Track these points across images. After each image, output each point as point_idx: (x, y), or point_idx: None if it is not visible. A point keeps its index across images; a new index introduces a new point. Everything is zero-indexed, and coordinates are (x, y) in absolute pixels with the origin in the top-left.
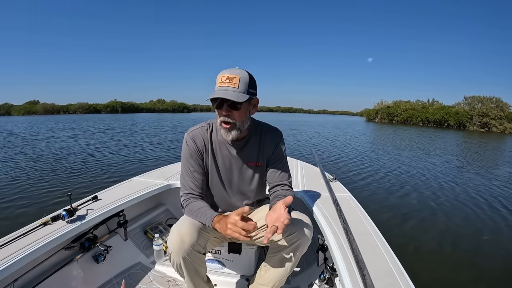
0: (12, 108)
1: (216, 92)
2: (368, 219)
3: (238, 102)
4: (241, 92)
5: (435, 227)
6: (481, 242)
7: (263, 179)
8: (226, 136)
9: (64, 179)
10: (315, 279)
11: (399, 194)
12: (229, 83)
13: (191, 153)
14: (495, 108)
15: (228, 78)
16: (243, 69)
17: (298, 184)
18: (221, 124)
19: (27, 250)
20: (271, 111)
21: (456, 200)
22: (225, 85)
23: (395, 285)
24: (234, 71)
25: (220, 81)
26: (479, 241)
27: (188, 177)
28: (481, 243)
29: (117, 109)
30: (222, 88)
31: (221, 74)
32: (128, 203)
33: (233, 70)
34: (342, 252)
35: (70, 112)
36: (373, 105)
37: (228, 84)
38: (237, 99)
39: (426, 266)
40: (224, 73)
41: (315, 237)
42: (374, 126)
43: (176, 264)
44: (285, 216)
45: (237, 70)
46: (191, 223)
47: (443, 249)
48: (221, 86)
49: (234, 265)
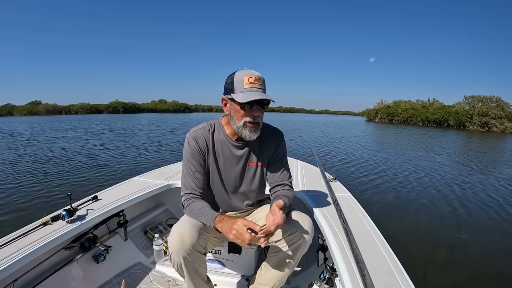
0: (14, 109)
1: (254, 93)
2: (368, 219)
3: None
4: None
5: (435, 227)
6: (481, 242)
7: (263, 180)
8: (250, 136)
9: (64, 179)
10: (315, 279)
11: (399, 194)
12: (258, 84)
13: (192, 153)
14: (496, 108)
15: (256, 79)
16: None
17: (298, 184)
18: (246, 124)
19: (27, 250)
20: (273, 111)
21: (457, 200)
22: (255, 86)
23: (395, 285)
24: (257, 73)
25: (249, 82)
26: (480, 241)
27: (189, 177)
28: (481, 243)
29: (119, 110)
30: (253, 89)
31: (246, 75)
32: (128, 203)
33: (255, 72)
34: (342, 252)
35: (72, 112)
36: (373, 105)
37: (257, 85)
38: (273, 100)
39: (426, 266)
40: (250, 74)
41: (315, 237)
42: (373, 126)
43: (177, 264)
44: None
45: (257, 72)
46: (192, 223)
47: (443, 249)
48: (252, 87)
49: (234, 265)
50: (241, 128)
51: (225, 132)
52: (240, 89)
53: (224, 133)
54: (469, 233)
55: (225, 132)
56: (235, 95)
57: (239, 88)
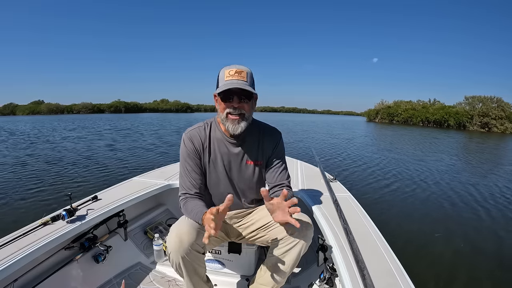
0: (17, 108)
1: (229, 83)
2: (368, 219)
3: (253, 92)
4: (250, 85)
5: (435, 227)
6: (481, 242)
7: (262, 179)
8: (234, 128)
9: (64, 179)
10: (315, 279)
11: (400, 194)
12: (238, 77)
13: (188, 153)
14: (496, 108)
15: (237, 72)
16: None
17: (298, 184)
18: (228, 116)
19: (27, 250)
20: (275, 111)
21: (457, 200)
22: (235, 78)
23: (395, 285)
24: (240, 66)
25: (228, 75)
26: (480, 241)
27: (186, 177)
28: (482, 243)
29: (121, 109)
30: (232, 81)
31: (228, 69)
32: (128, 203)
33: (238, 65)
34: (342, 252)
35: (74, 112)
36: (374, 105)
37: (237, 77)
38: (251, 90)
39: (426, 266)
40: (231, 67)
41: (315, 237)
42: (373, 126)
43: (175, 263)
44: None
45: (241, 65)
46: (190, 222)
47: (443, 249)
48: (231, 80)
49: (234, 265)
50: (225, 121)
51: (221, 130)
52: (222, 82)
53: (220, 131)
54: (469, 232)
55: (221, 129)
56: (218, 89)
57: (221, 81)
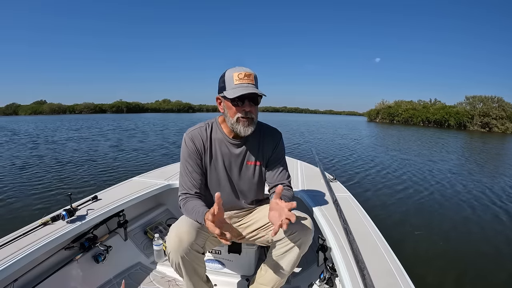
0: (19, 108)
1: (241, 87)
2: (368, 219)
3: (264, 95)
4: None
5: (435, 227)
6: (481, 242)
7: (262, 179)
8: (245, 131)
9: (64, 179)
10: (315, 279)
11: (400, 194)
12: (248, 80)
13: (189, 153)
14: (497, 108)
15: (246, 75)
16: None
17: (298, 184)
18: (239, 119)
19: (27, 250)
20: (277, 111)
21: (457, 200)
22: (245, 82)
23: (395, 285)
24: (247, 69)
25: (238, 79)
26: (480, 241)
27: (186, 177)
28: (482, 243)
29: (122, 109)
30: (243, 85)
31: (235, 72)
32: (128, 203)
33: (244, 68)
34: (342, 252)
35: (76, 112)
36: (374, 105)
37: (247, 81)
38: (264, 94)
39: (426, 266)
40: (239, 70)
41: (315, 237)
42: (374, 126)
43: (175, 263)
44: (287, 213)
45: (247, 68)
46: (190, 222)
47: (443, 249)
48: (241, 83)
49: (234, 265)
50: (235, 124)
51: (222, 131)
52: (231, 86)
53: (222, 132)
54: (469, 232)
55: (222, 130)
56: (226, 92)
57: (230, 85)
